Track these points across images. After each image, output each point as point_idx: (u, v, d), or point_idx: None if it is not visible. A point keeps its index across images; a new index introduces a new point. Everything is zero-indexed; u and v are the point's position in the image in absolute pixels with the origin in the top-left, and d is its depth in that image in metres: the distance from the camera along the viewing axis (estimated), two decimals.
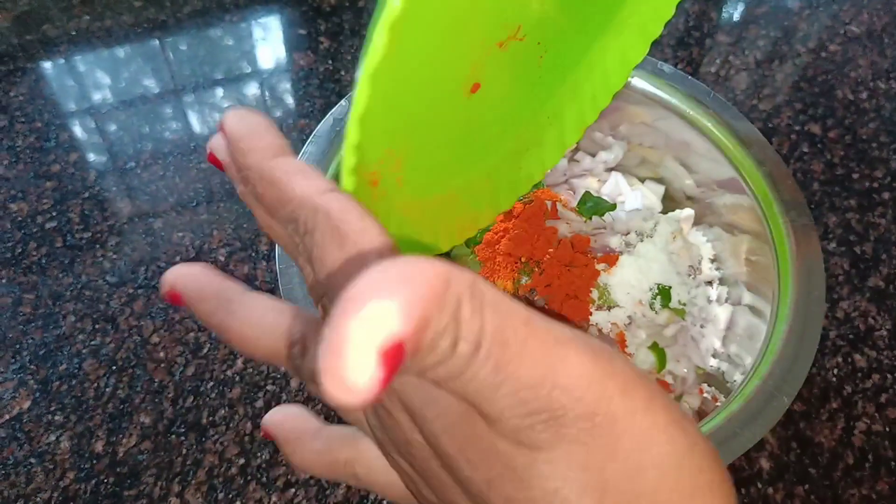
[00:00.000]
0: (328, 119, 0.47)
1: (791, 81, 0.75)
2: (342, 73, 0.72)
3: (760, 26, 0.80)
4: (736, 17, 0.82)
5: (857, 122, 0.72)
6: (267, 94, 0.71)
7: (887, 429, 0.54)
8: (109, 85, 0.70)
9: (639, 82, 0.52)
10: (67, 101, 0.69)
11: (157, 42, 0.74)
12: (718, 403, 0.47)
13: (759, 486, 0.51)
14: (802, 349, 0.41)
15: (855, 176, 0.68)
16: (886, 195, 0.66)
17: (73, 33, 0.74)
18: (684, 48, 0.77)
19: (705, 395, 0.50)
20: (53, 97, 0.69)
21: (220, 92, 0.70)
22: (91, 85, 0.70)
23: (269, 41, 0.75)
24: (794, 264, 0.44)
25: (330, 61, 0.73)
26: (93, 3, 0.76)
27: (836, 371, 0.57)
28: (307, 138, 0.47)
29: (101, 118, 0.68)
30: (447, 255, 0.53)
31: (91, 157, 0.65)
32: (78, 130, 0.67)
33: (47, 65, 0.72)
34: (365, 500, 0.50)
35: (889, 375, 0.57)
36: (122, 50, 0.73)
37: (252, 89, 0.71)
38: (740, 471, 0.52)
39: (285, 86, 0.72)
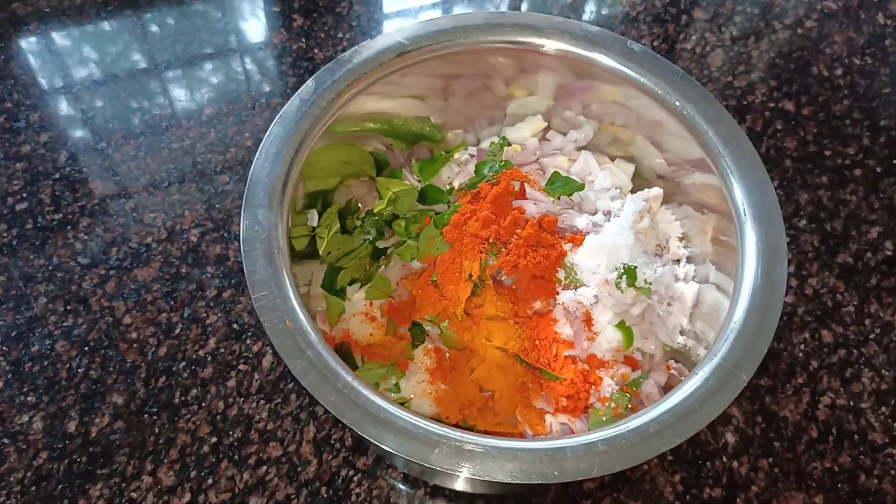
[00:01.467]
0: (294, 100, 0.47)
1: (767, 58, 0.75)
2: (315, 50, 0.71)
3: (737, 2, 0.79)
4: None
5: (832, 98, 0.72)
6: (240, 72, 0.70)
7: (851, 403, 0.55)
8: (81, 64, 0.70)
9: (608, 61, 0.52)
10: (38, 81, 0.68)
11: (129, 20, 0.73)
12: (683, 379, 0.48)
13: (725, 459, 0.52)
14: (762, 328, 0.42)
15: (827, 153, 0.68)
16: (858, 172, 0.67)
17: (47, 10, 0.73)
18: (660, 24, 0.77)
19: (672, 371, 0.50)
20: (24, 77, 0.68)
21: (193, 71, 0.70)
22: (62, 64, 0.70)
23: (241, 18, 0.75)
24: (757, 244, 0.45)
25: (303, 39, 0.72)
26: None
27: (802, 346, 0.57)
28: None
29: (73, 98, 0.67)
30: (417, 237, 0.53)
31: (62, 137, 0.65)
32: (49, 111, 0.67)
33: (18, 44, 0.71)
34: (336, 478, 0.50)
35: (855, 351, 0.57)
36: (93, 28, 0.72)
37: (225, 68, 0.70)
38: (706, 445, 0.53)
39: (259, 64, 0.71)
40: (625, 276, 0.49)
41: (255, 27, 0.74)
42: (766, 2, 0.80)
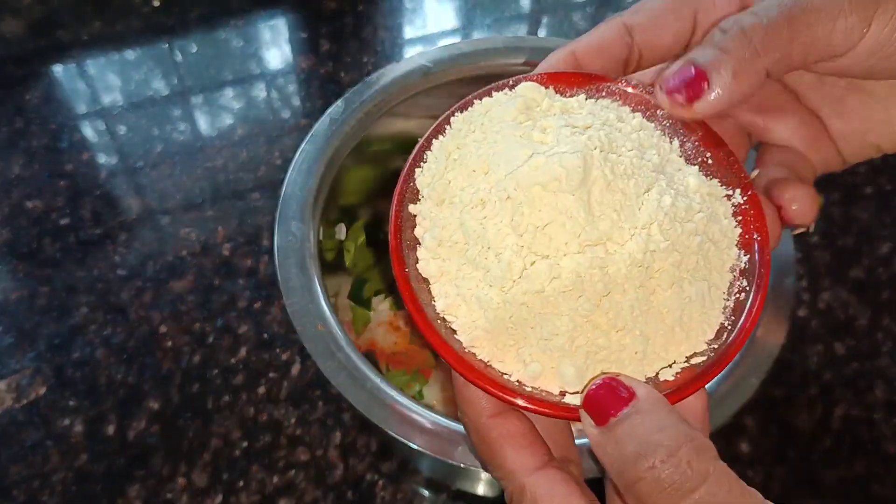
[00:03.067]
0: (325, 119, 0.50)
1: None
2: (342, 74, 0.74)
3: None
4: None
5: None
6: (271, 94, 0.74)
7: (864, 414, 0.56)
8: (120, 87, 0.73)
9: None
10: (80, 104, 0.72)
11: (165, 46, 0.77)
12: None
13: (739, 467, 0.54)
14: (771, 334, 0.43)
15: (838, 171, 0.69)
16: (868, 190, 0.68)
17: (86, 38, 0.77)
18: None
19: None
20: (67, 100, 0.72)
21: (226, 93, 0.73)
22: (102, 88, 0.73)
23: (272, 44, 0.78)
24: None
25: (331, 63, 0.75)
26: (104, 9, 0.79)
27: (815, 359, 0.59)
28: None
29: (112, 120, 0.71)
30: None
31: (102, 156, 0.68)
32: (90, 132, 0.70)
33: (61, 69, 0.75)
34: (361, 482, 0.52)
35: (867, 363, 0.59)
36: (132, 54, 0.76)
37: (256, 91, 0.74)
38: (721, 453, 0.54)
39: (288, 87, 0.75)
40: None
41: (283, 53, 0.78)
42: None
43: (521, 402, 0.23)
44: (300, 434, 0.54)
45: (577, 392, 0.23)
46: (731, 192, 0.26)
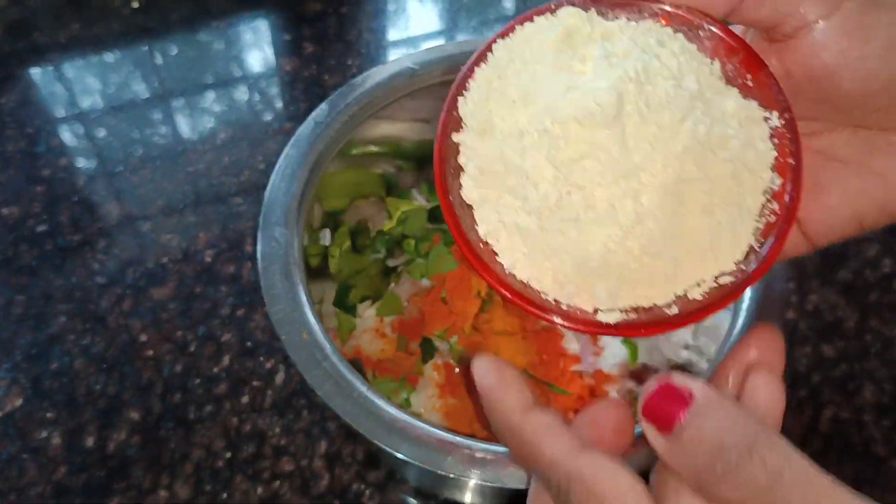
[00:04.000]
0: (309, 122, 0.49)
1: None
2: (325, 77, 0.73)
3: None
4: None
5: None
6: (253, 98, 0.73)
7: (853, 416, 0.56)
8: (99, 91, 0.72)
9: None
10: (58, 108, 0.71)
11: (145, 48, 0.76)
12: None
13: None
14: None
15: None
16: None
17: (64, 40, 0.75)
18: None
19: None
20: (44, 103, 0.71)
21: (207, 96, 0.72)
22: (81, 91, 0.72)
23: (255, 47, 0.77)
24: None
25: (314, 66, 0.74)
26: (82, 11, 0.77)
27: (804, 361, 0.59)
28: None
29: (91, 124, 0.69)
30: (426, 255, 0.55)
31: (81, 161, 0.67)
32: (68, 136, 0.69)
33: (38, 71, 0.73)
34: (348, 492, 0.51)
35: (856, 364, 0.58)
36: (111, 56, 0.75)
37: (239, 94, 0.73)
38: None
39: (271, 90, 0.74)
40: None
41: (266, 55, 0.77)
42: None
43: (557, 318, 0.25)
44: (285, 444, 0.53)
45: (611, 310, 0.25)
46: (769, 115, 0.26)
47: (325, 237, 0.53)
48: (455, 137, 0.27)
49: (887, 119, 0.27)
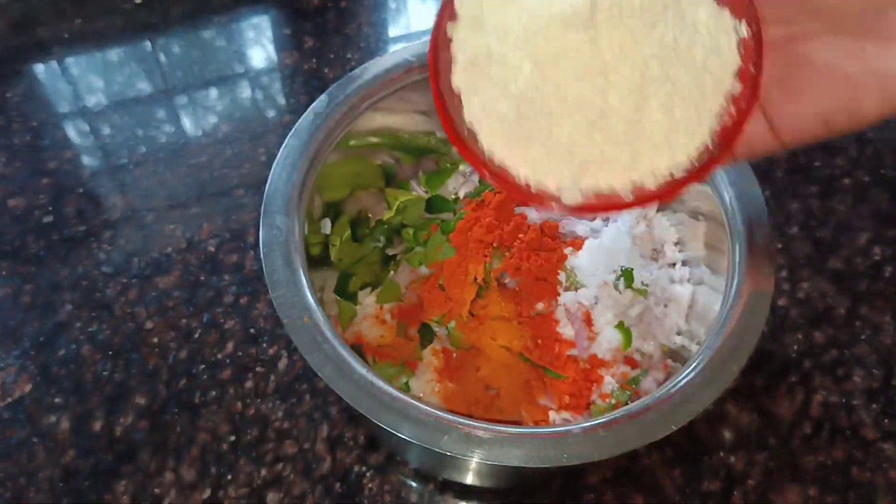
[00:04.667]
0: (308, 114, 0.50)
1: None
2: (325, 70, 0.75)
3: None
4: None
5: None
6: (254, 92, 0.74)
7: (843, 400, 0.57)
8: (102, 85, 0.73)
9: None
10: (62, 102, 0.72)
11: (148, 43, 0.77)
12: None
13: (722, 454, 0.55)
14: (752, 323, 0.44)
15: (817, 164, 0.71)
16: (846, 182, 0.69)
17: (66, 36, 0.76)
18: None
19: (670, 370, 0.53)
20: (49, 98, 0.72)
21: (209, 90, 0.73)
22: (85, 85, 0.73)
23: (256, 41, 0.78)
24: (747, 244, 0.47)
25: (314, 59, 0.76)
26: (84, 6, 0.79)
27: (795, 347, 0.60)
28: None
29: (95, 118, 0.71)
30: (424, 244, 0.56)
31: (85, 154, 0.68)
32: (72, 129, 0.70)
33: (42, 66, 0.74)
34: (349, 474, 0.53)
35: (846, 351, 0.60)
36: (113, 52, 0.76)
37: (240, 88, 0.74)
38: (704, 441, 0.55)
39: (272, 84, 0.75)
40: (622, 278, 0.52)
41: (266, 49, 0.78)
42: None
43: (528, 197, 0.30)
44: (287, 427, 0.54)
45: (572, 190, 0.29)
46: (739, 25, 0.29)
47: (326, 226, 0.54)
48: (449, 29, 0.30)
49: (861, 25, 0.29)
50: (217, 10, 0.80)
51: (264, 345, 0.57)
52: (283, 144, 0.49)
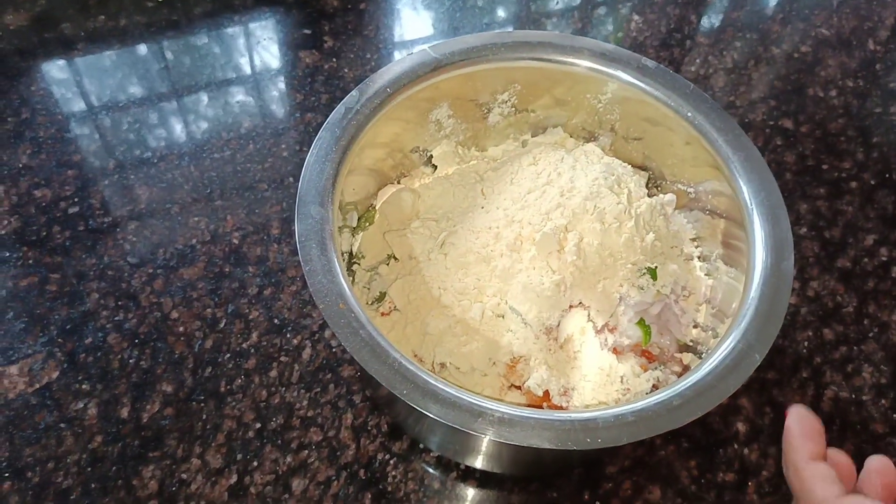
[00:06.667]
0: (340, 108, 0.52)
1: (766, 80, 0.80)
2: (345, 69, 0.76)
3: (737, 29, 0.85)
4: (715, 21, 0.87)
5: (827, 117, 0.77)
6: (276, 89, 0.75)
7: (853, 395, 0.59)
8: (125, 80, 0.74)
9: (626, 76, 0.56)
10: (87, 96, 0.73)
11: (170, 41, 0.78)
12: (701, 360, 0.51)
13: (736, 446, 0.56)
14: (773, 313, 0.46)
15: (825, 167, 0.73)
16: (853, 184, 0.71)
17: (90, 31, 0.77)
18: (666, 49, 0.82)
19: (686, 363, 0.54)
20: (72, 92, 0.73)
21: (231, 88, 0.74)
22: (108, 81, 0.74)
23: (276, 40, 0.80)
24: (766, 238, 0.49)
25: (334, 59, 0.77)
26: (108, 3, 0.80)
27: (806, 344, 0.61)
28: (313, 130, 0.51)
29: (120, 112, 0.72)
30: None
31: (110, 147, 0.69)
32: (98, 123, 0.71)
33: (65, 62, 0.75)
34: (373, 461, 0.54)
35: (855, 347, 0.61)
36: (136, 47, 0.77)
37: (261, 85, 0.75)
38: (718, 433, 0.56)
39: (293, 82, 0.76)
40: (647, 275, 0.53)
41: (287, 49, 0.79)
42: (764, 29, 0.85)
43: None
44: (312, 415, 0.55)
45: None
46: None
47: (352, 219, 0.55)
48: None
49: None
50: (237, 10, 0.81)
51: (288, 335, 0.58)
52: (316, 137, 0.50)
